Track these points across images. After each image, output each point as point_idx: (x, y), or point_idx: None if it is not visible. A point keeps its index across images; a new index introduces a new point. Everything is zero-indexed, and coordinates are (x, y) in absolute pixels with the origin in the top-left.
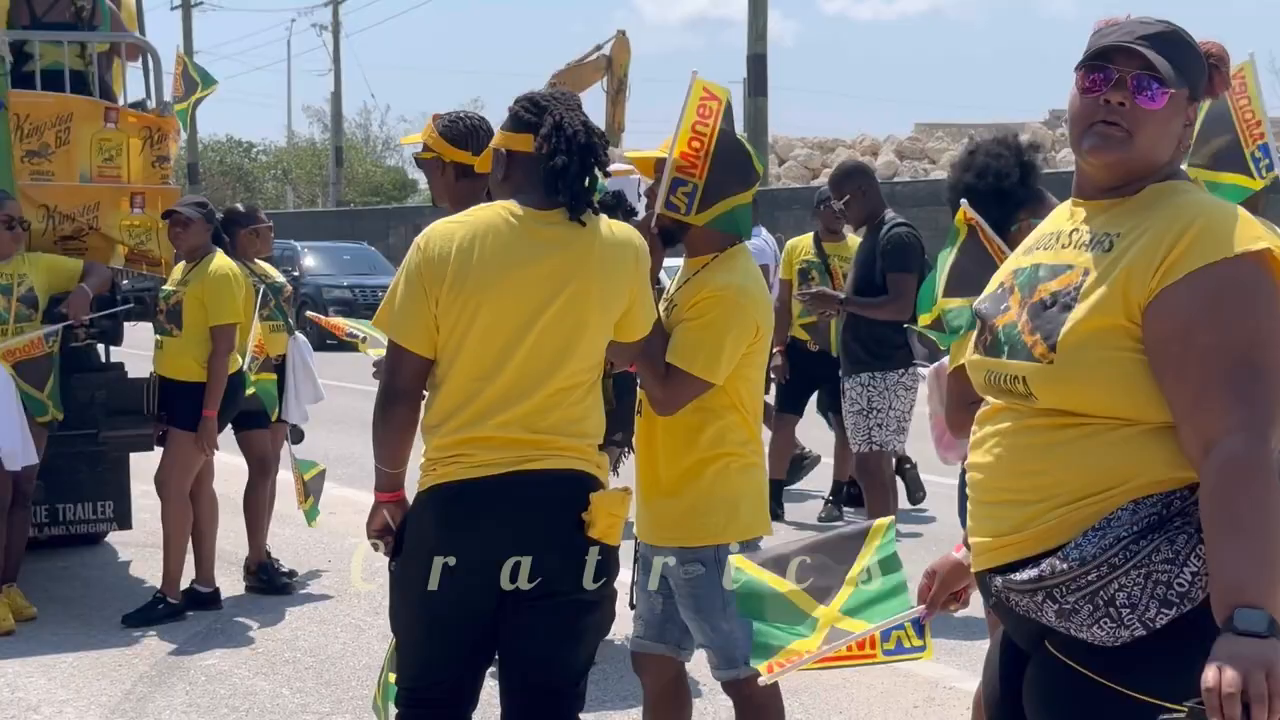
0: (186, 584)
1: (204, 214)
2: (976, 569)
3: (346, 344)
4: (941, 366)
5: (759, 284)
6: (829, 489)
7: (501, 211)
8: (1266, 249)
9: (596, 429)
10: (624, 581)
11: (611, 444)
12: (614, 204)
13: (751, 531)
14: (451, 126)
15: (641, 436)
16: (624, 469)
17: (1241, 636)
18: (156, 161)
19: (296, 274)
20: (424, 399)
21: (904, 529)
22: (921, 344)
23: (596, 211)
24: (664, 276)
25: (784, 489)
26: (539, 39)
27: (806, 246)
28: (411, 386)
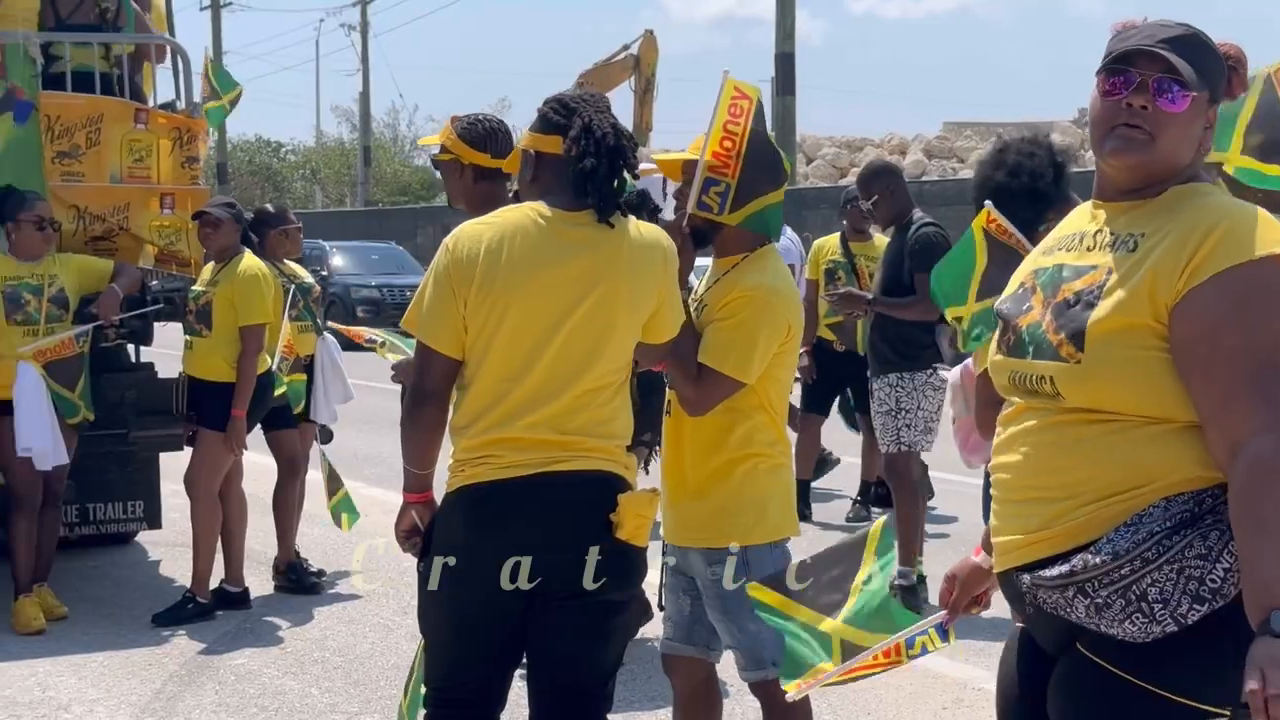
0: (216, 583)
1: (233, 214)
2: (1002, 568)
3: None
4: (965, 369)
5: (789, 284)
6: (856, 489)
7: (530, 213)
8: None
9: (624, 430)
10: (651, 582)
11: (640, 444)
12: (639, 203)
13: (779, 532)
14: (470, 129)
15: (669, 437)
16: (654, 469)
17: (1279, 639)
18: (186, 162)
19: (325, 273)
20: (453, 400)
21: (930, 529)
22: (950, 346)
23: (625, 213)
24: (692, 277)
25: (810, 489)
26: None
27: (833, 246)
28: (440, 387)
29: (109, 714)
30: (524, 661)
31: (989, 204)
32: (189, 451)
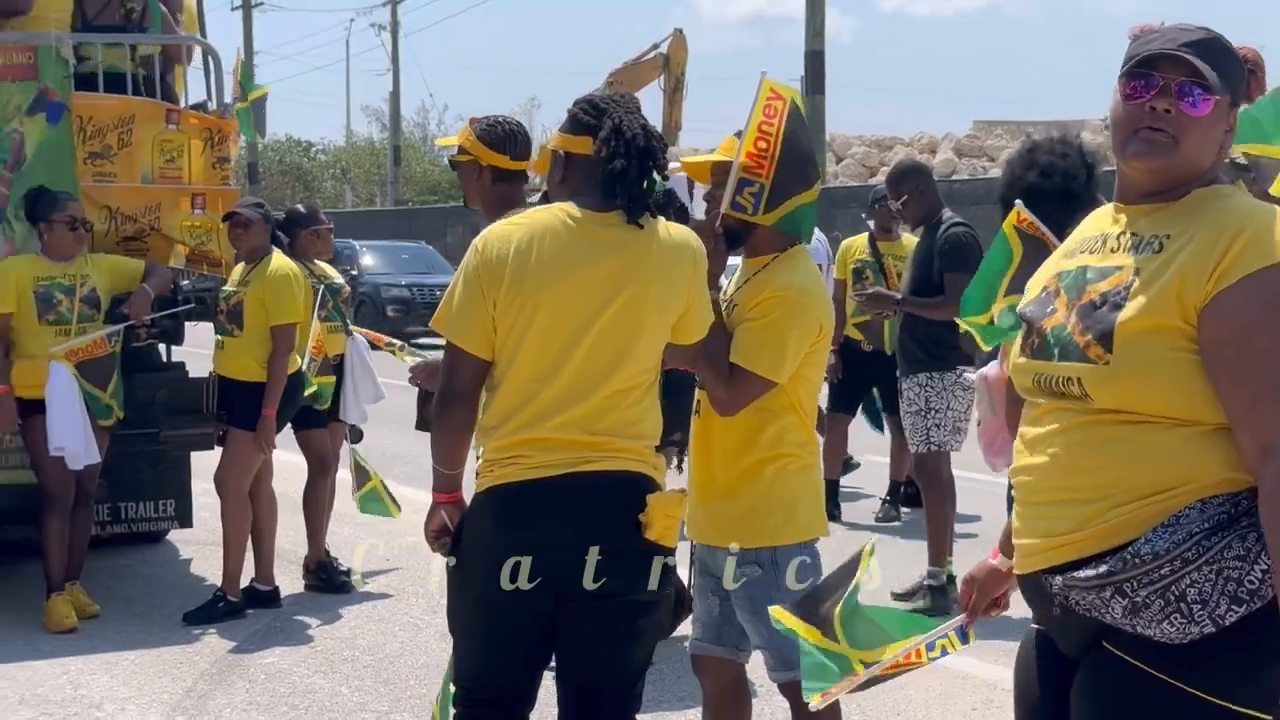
0: (246, 582)
1: (262, 215)
2: (1026, 570)
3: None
4: (990, 371)
5: (819, 283)
6: (885, 489)
7: (559, 213)
8: None
9: (654, 431)
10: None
11: (670, 444)
12: (665, 202)
13: (809, 533)
14: (490, 130)
15: (697, 437)
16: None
17: None
18: (217, 162)
19: (355, 273)
20: (482, 400)
21: (959, 529)
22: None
23: (654, 214)
24: (721, 278)
25: (839, 489)
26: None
27: (861, 246)
28: (469, 388)
29: (140, 712)
30: (553, 661)
31: (1019, 202)
32: (220, 451)
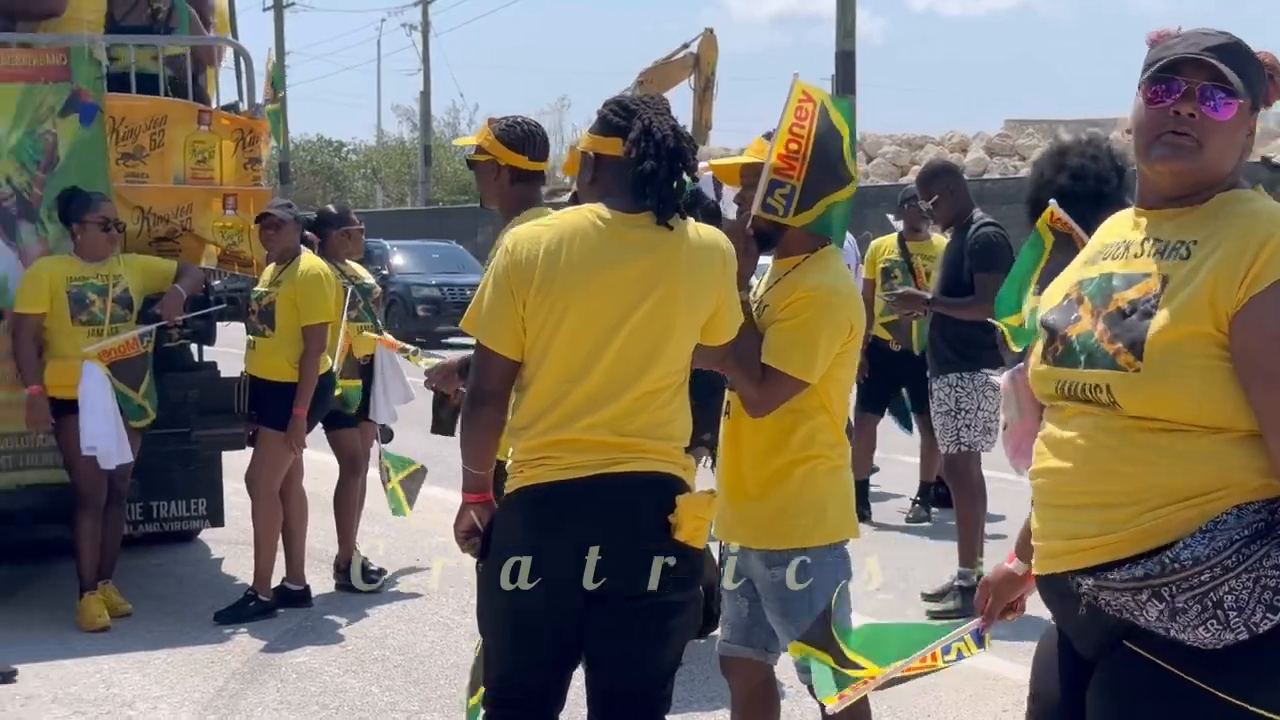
0: (277, 582)
1: (292, 215)
2: (1047, 570)
3: (433, 344)
4: (1018, 374)
5: (850, 283)
6: (915, 490)
7: (589, 215)
8: None
9: (683, 432)
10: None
11: (701, 444)
12: (692, 202)
13: (839, 534)
14: (509, 130)
15: (727, 438)
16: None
17: None
18: (248, 163)
19: (385, 272)
20: (511, 401)
21: (990, 529)
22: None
23: (683, 215)
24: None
25: (868, 490)
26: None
27: (890, 246)
28: (499, 388)
29: (172, 711)
30: (583, 662)
31: (1054, 201)
32: (251, 450)
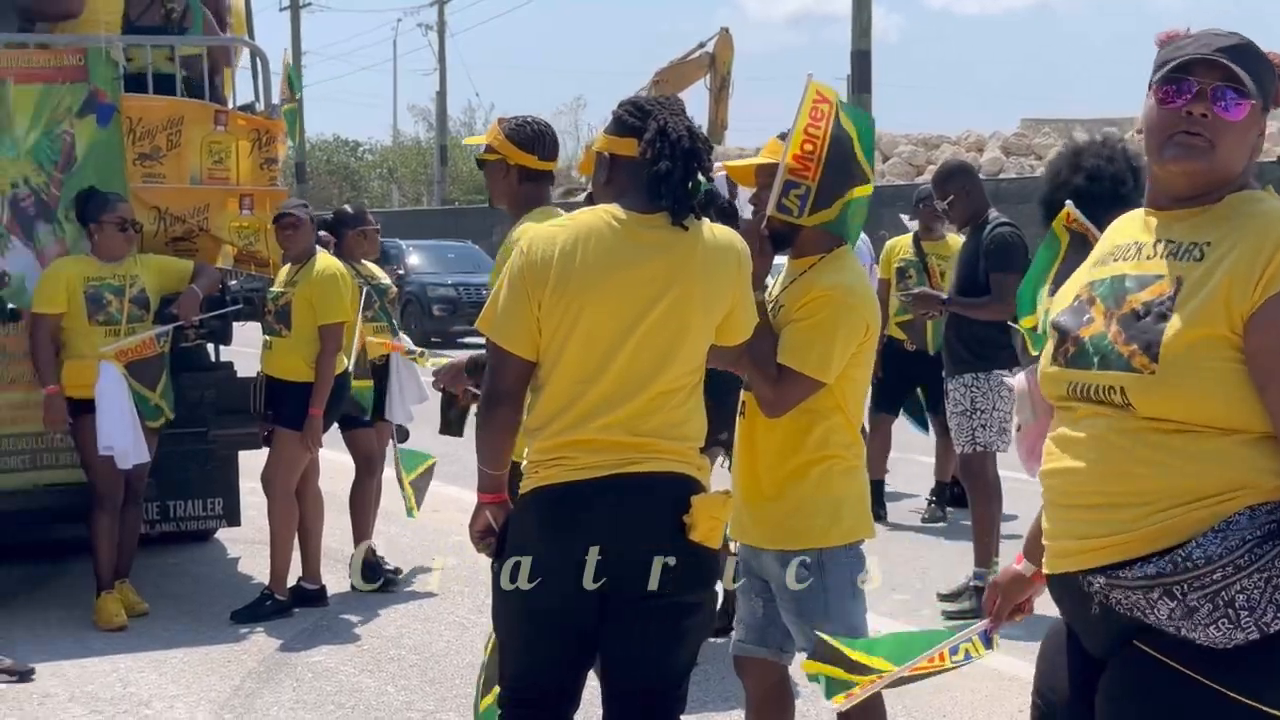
0: (293, 581)
1: (309, 215)
2: (1057, 570)
3: (448, 344)
4: (1032, 374)
5: (865, 283)
6: (930, 489)
7: (604, 215)
8: None
9: (698, 432)
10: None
11: (717, 443)
12: (707, 201)
13: (854, 534)
14: (519, 130)
15: (742, 438)
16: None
17: None
18: (265, 163)
19: (401, 272)
20: (527, 401)
21: (1005, 529)
22: (1021, 351)
23: (698, 215)
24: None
25: (884, 490)
26: (643, 38)
27: (905, 245)
28: (514, 388)
29: (189, 710)
30: (598, 662)
31: (1070, 202)
32: (267, 450)
